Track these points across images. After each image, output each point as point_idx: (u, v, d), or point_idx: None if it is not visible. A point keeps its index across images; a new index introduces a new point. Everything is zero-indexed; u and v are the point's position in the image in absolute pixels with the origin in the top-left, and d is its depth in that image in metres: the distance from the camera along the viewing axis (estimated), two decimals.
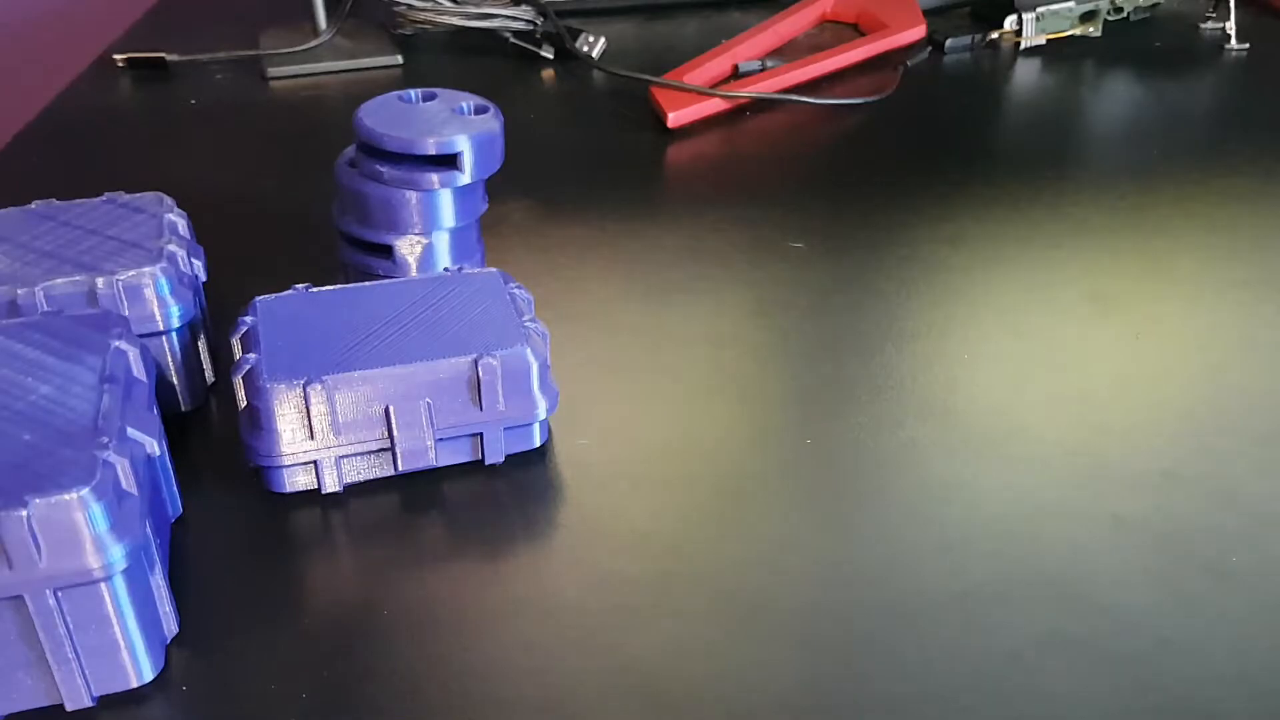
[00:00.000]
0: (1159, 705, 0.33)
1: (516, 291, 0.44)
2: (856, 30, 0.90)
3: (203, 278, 0.47)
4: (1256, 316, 0.52)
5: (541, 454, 0.43)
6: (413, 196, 0.48)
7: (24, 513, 0.30)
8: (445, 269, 0.49)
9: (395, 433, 0.40)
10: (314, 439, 0.39)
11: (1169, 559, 0.38)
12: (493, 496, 0.41)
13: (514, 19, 0.89)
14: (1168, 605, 0.36)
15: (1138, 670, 0.34)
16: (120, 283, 0.42)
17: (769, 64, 0.81)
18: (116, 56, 0.87)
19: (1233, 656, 0.34)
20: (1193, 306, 0.53)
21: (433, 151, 0.47)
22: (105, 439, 0.32)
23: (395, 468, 0.41)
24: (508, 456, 0.43)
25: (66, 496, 0.30)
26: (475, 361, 0.40)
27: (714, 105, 0.75)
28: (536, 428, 0.43)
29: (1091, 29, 0.88)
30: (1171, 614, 0.36)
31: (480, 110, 0.50)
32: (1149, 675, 0.34)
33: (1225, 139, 0.71)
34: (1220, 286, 0.54)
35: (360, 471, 0.41)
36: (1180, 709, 0.33)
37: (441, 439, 0.41)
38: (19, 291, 0.41)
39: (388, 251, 0.49)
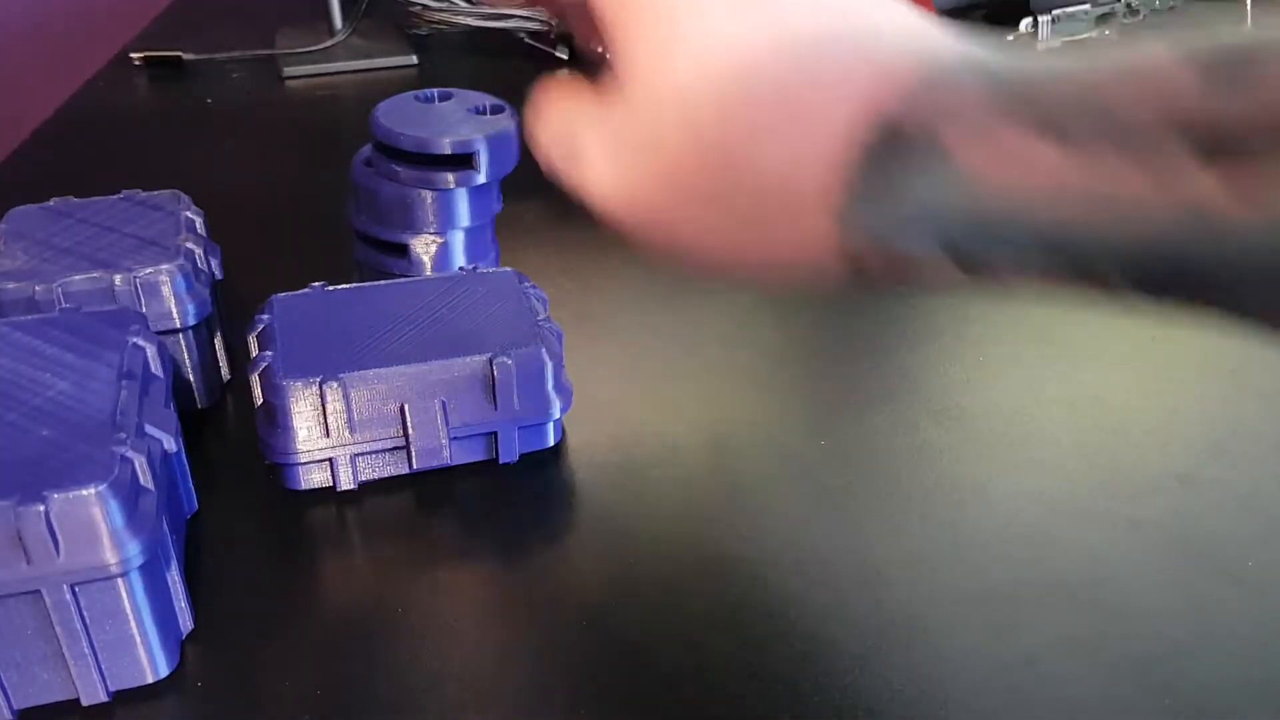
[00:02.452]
0: (1174, 710, 0.33)
1: (531, 291, 0.44)
2: None
3: (219, 275, 0.47)
4: None
5: (555, 453, 0.43)
6: (428, 196, 0.48)
7: (42, 508, 0.30)
8: (460, 268, 0.49)
9: (410, 431, 0.40)
10: (329, 436, 0.40)
11: (1185, 563, 0.38)
12: (506, 495, 0.41)
13: (528, 19, 0.89)
14: (1184, 609, 0.36)
15: (1153, 674, 0.34)
16: (138, 280, 0.42)
17: None
18: (133, 55, 0.88)
19: (1249, 661, 0.34)
20: None
21: (449, 151, 0.47)
22: (123, 435, 0.33)
23: (410, 466, 0.41)
24: (521, 455, 0.43)
25: (84, 492, 0.30)
26: (490, 361, 0.40)
27: None
28: (550, 427, 0.43)
29: (1107, 32, 0.88)
30: (1187, 618, 0.36)
31: (496, 110, 0.50)
32: (1165, 679, 0.34)
33: None
34: None
35: (375, 469, 0.41)
36: (1196, 713, 0.32)
37: (456, 438, 0.41)
38: (37, 288, 0.41)
39: (403, 251, 0.49)
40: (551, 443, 0.43)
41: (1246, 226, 0.21)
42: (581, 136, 0.30)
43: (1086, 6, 0.87)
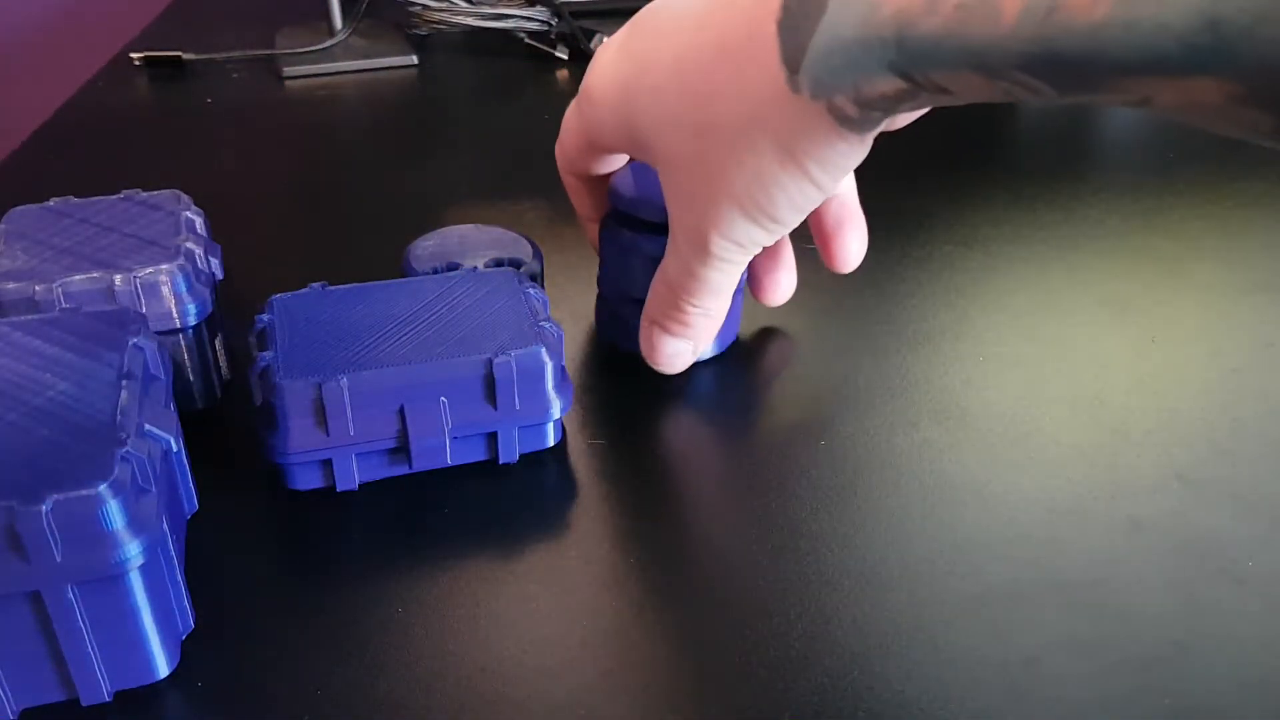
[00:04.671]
0: (1175, 710, 0.33)
1: (531, 291, 0.44)
2: None
3: (219, 275, 0.47)
4: (1273, 320, 0.51)
5: (555, 453, 0.43)
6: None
7: (42, 508, 0.30)
8: (461, 269, 0.49)
9: (410, 431, 0.40)
10: (329, 436, 0.40)
11: (1185, 563, 0.38)
12: (506, 495, 0.41)
13: (528, 19, 0.90)
14: (1184, 609, 0.36)
15: (1153, 675, 0.34)
16: (138, 280, 0.42)
17: None
18: (134, 55, 0.88)
19: (1249, 661, 0.34)
20: (1209, 310, 0.52)
21: None
22: (123, 435, 0.33)
23: (409, 466, 0.41)
24: (521, 455, 0.43)
25: (84, 492, 0.30)
26: (490, 361, 0.40)
27: None
28: (550, 427, 0.43)
29: None
30: (1187, 618, 0.36)
31: None
32: (1165, 680, 0.34)
33: (1242, 142, 0.71)
34: (1237, 290, 0.54)
35: (375, 469, 0.41)
36: (1196, 714, 0.33)
37: (456, 438, 0.41)
38: (37, 288, 0.41)
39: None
40: (551, 443, 0.43)
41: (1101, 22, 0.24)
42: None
43: None
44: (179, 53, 0.88)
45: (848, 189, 0.48)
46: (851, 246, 0.47)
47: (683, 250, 0.40)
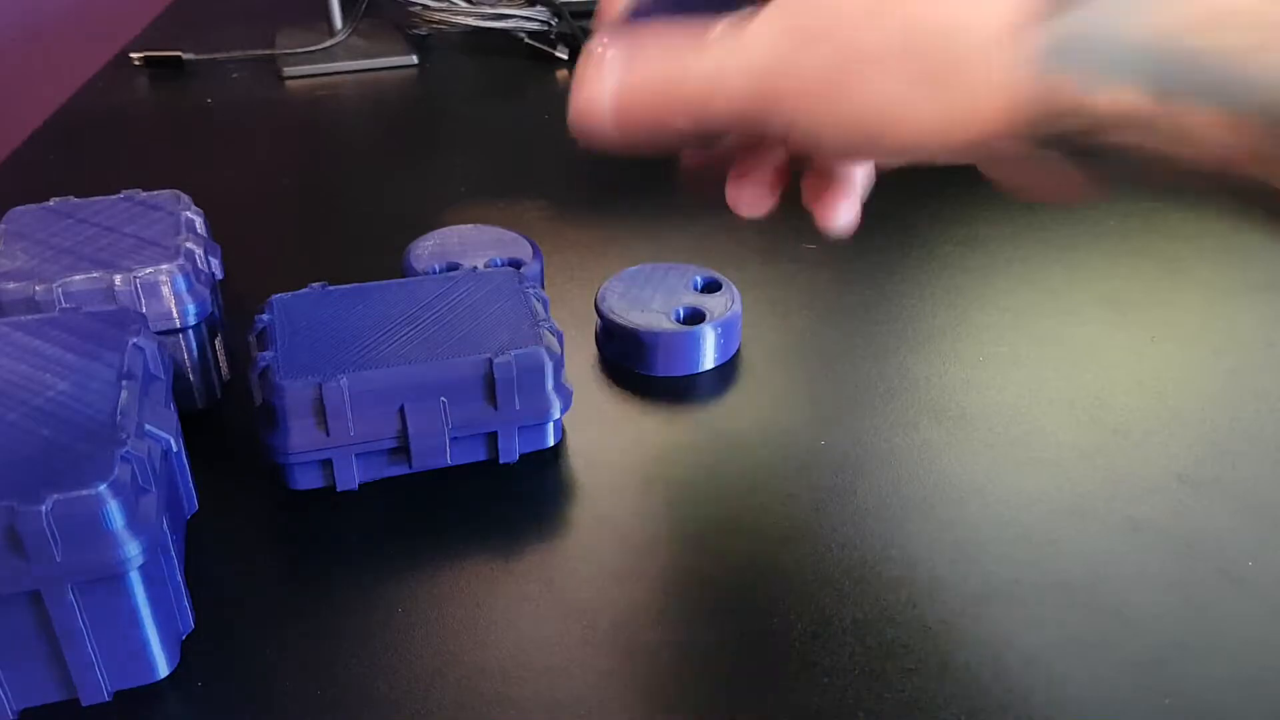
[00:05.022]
0: (1174, 710, 0.33)
1: (531, 291, 0.44)
2: None
3: (219, 275, 0.47)
4: (1273, 320, 0.51)
5: (555, 453, 0.43)
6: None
7: (42, 508, 0.30)
8: (460, 268, 0.49)
9: (410, 431, 0.40)
10: (329, 436, 0.40)
11: (1185, 563, 0.38)
12: (506, 495, 0.41)
13: (528, 19, 0.90)
14: (1183, 610, 0.36)
15: (1153, 675, 0.34)
16: (138, 280, 0.42)
17: None
18: (134, 55, 0.88)
19: (1248, 661, 0.34)
20: (1209, 310, 0.52)
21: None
22: (123, 435, 0.33)
23: (409, 466, 0.41)
24: (521, 455, 0.43)
25: (85, 492, 0.30)
26: (490, 361, 0.40)
27: None
28: (550, 427, 0.43)
29: None
30: (1187, 618, 0.36)
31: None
32: (1164, 680, 0.34)
33: None
34: (1236, 290, 0.54)
35: (375, 469, 0.41)
36: (1196, 713, 0.33)
37: (456, 438, 0.41)
38: (37, 288, 0.41)
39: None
40: (551, 443, 0.43)
41: None
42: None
43: None
44: (179, 53, 0.88)
45: None
46: (844, 210, 0.42)
47: (731, 87, 0.29)
